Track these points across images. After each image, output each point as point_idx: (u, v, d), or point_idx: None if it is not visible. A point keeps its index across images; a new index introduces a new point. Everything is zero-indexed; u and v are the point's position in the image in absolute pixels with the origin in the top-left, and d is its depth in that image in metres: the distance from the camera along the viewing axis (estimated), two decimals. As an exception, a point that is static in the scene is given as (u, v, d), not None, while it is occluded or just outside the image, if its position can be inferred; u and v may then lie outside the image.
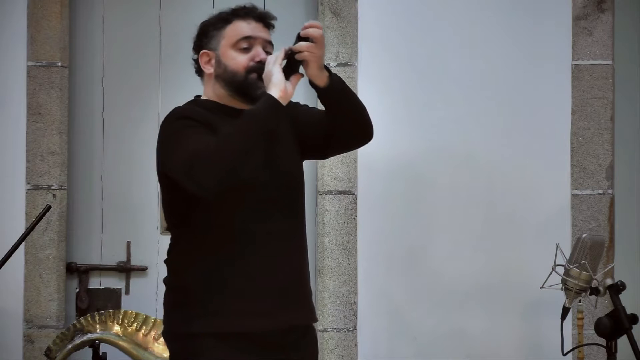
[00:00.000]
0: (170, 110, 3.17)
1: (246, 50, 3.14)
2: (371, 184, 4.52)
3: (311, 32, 3.05)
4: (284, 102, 2.99)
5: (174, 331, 3.13)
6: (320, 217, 4.51)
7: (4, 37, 4.58)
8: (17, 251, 3.85)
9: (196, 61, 3.23)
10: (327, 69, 3.11)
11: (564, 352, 3.70)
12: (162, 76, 4.67)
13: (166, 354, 4.17)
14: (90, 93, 4.67)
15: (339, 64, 4.55)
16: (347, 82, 4.47)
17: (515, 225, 4.54)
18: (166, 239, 4.61)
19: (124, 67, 4.68)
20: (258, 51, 3.15)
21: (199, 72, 3.24)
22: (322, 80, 3.10)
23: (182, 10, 4.69)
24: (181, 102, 4.62)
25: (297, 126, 3.23)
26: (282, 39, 4.62)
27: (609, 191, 4.54)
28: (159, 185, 3.19)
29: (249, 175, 3.00)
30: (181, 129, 3.03)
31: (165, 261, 3.24)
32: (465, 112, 4.56)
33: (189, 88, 4.65)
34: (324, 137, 3.22)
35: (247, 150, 2.93)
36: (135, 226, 4.65)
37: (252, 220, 3.07)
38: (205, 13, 4.64)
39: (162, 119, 4.61)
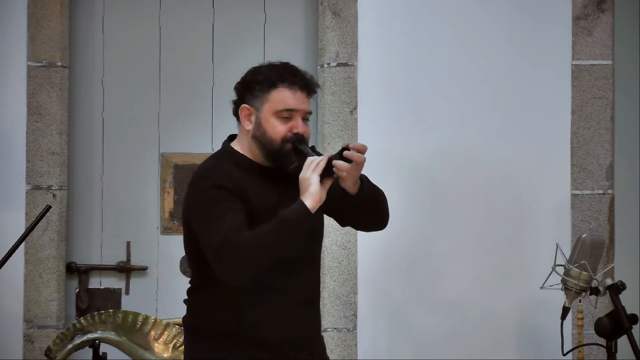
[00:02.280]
0: (204, 165, 3.24)
1: (286, 119, 3.20)
2: (371, 184, 4.52)
3: (355, 157, 3.11)
4: (313, 210, 3.08)
5: (196, 358, 3.21)
6: (320, 217, 4.51)
7: (4, 37, 4.58)
8: (17, 251, 3.85)
9: (236, 105, 3.26)
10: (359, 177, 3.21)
11: (564, 352, 3.70)
12: (162, 76, 4.67)
13: (166, 354, 4.17)
14: (90, 93, 4.67)
15: (339, 64, 4.55)
16: (347, 82, 4.53)
17: (515, 225, 4.54)
18: (166, 239, 4.64)
19: (124, 67, 4.68)
20: (298, 122, 3.20)
21: (237, 116, 3.27)
22: (353, 190, 3.20)
23: (182, 10, 4.69)
24: (181, 101, 4.64)
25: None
26: (282, 38, 4.64)
27: (609, 191, 4.54)
28: (182, 226, 3.26)
29: None
30: (215, 203, 3.10)
31: (185, 301, 3.30)
32: (465, 112, 4.56)
33: (188, 88, 4.66)
34: (344, 214, 3.32)
35: (275, 253, 3.06)
36: (135, 226, 4.65)
37: (275, 275, 3.15)
38: (205, 13, 4.67)
39: (161, 119, 4.66)
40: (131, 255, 4.64)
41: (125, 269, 4.64)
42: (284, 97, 3.19)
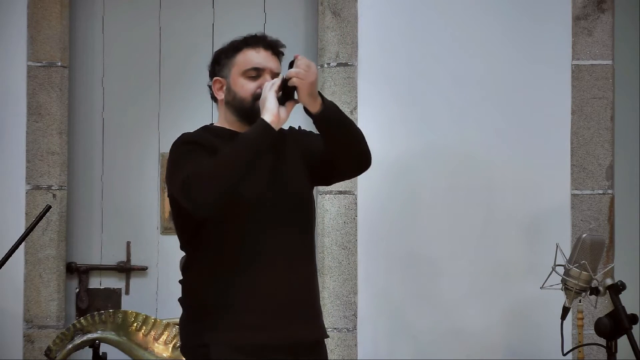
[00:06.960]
0: (180, 135, 3.28)
1: (254, 78, 3.25)
2: (371, 184, 4.52)
3: (297, 60, 3.14)
4: (275, 126, 3.11)
5: (188, 344, 3.21)
6: (320, 217, 4.51)
7: (4, 37, 4.58)
8: (17, 251, 3.84)
9: (210, 87, 3.33)
10: (321, 96, 3.19)
11: (564, 352, 3.70)
12: (162, 76, 4.67)
13: (166, 354, 4.17)
14: (90, 93, 4.67)
15: (339, 64, 4.55)
16: (347, 82, 4.53)
17: (515, 225, 4.54)
18: (166, 239, 4.64)
19: (124, 67, 4.68)
20: (266, 79, 3.24)
21: (214, 97, 3.33)
22: (314, 107, 3.17)
23: (182, 10, 4.69)
24: (181, 101, 4.64)
25: (307, 153, 3.32)
26: (282, 38, 4.63)
27: (609, 191, 4.54)
28: (168, 199, 3.27)
29: (256, 195, 3.15)
30: (185, 154, 3.17)
31: (180, 281, 3.31)
32: (465, 112, 4.56)
33: (188, 88, 4.66)
34: (325, 166, 3.30)
35: (238, 171, 3.06)
36: (135, 226, 4.65)
37: (261, 238, 3.16)
38: (205, 13, 4.67)
39: (161, 119, 4.66)
40: (131, 255, 4.65)
41: (125, 269, 4.64)
42: (248, 57, 3.26)
